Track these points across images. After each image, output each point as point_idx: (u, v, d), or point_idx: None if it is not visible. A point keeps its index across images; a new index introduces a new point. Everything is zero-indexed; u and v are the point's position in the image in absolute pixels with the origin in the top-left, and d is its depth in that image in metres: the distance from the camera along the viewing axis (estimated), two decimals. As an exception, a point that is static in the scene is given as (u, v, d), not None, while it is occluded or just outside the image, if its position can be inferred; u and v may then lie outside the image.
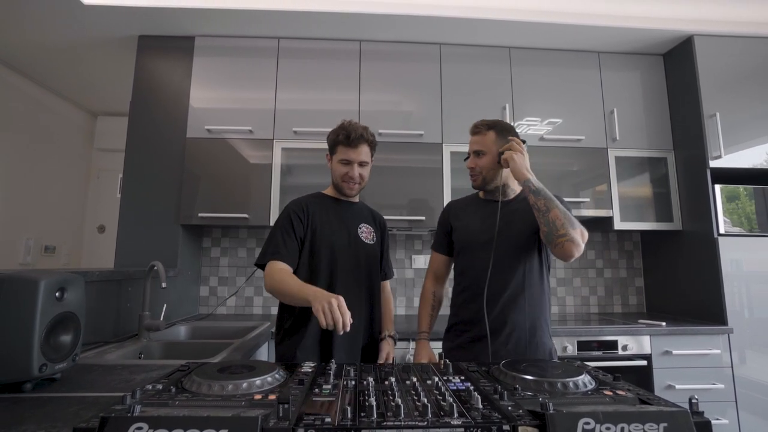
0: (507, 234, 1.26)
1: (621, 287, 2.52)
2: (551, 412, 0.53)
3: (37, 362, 0.86)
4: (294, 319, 1.27)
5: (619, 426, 0.53)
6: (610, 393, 0.67)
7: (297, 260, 1.27)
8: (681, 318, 2.13)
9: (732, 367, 1.86)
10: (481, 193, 1.41)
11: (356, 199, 1.43)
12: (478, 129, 1.33)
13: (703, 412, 0.56)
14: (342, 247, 1.31)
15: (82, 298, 1.00)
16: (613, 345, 1.84)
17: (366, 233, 1.38)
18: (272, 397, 0.63)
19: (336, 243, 1.30)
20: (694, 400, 0.57)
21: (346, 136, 1.28)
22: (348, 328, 0.95)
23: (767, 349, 1.91)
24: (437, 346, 1.40)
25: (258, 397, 0.63)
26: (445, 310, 1.44)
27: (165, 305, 1.70)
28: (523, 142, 1.28)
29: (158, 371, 1.04)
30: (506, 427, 0.53)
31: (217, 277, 2.38)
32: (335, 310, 0.96)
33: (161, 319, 1.58)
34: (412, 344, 1.73)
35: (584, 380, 0.71)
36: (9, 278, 0.88)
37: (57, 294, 0.93)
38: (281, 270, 1.21)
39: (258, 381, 0.68)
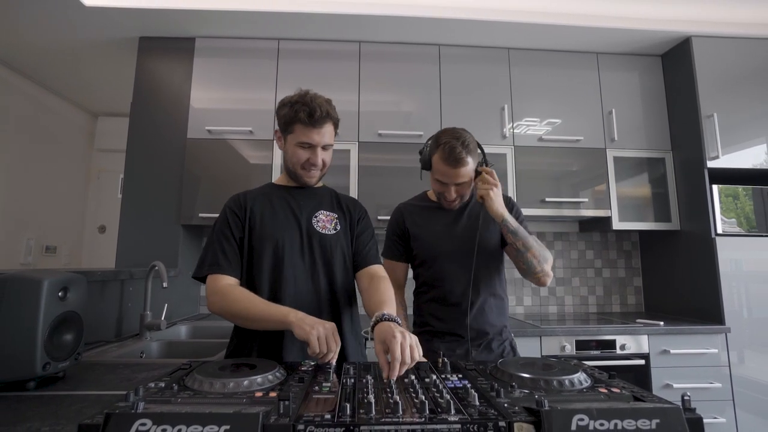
0: (479, 241, 1.25)
1: (619, 287, 2.53)
2: (546, 408, 0.54)
3: (41, 361, 0.87)
4: (238, 341, 1.08)
5: (613, 422, 0.54)
6: (605, 390, 0.68)
7: (241, 270, 1.07)
8: (679, 317, 2.14)
9: (729, 366, 1.88)
10: (432, 195, 1.36)
11: (314, 184, 1.19)
12: (461, 160, 1.16)
13: (695, 409, 0.57)
14: (289, 241, 1.07)
15: (84, 298, 1.01)
16: (611, 344, 1.85)
17: (324, 221, 1.12)
18: (273, 394, 0.64)
19: (280, 238, 1.07)
20: (686, 397, 0.58)
21: (308, 114, 1.03)
22: (334, 361, 0.83)
23: (764, 349, 1.92)
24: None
25: (259, 394, 0.64)
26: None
27: (166, 305, 1.71)
28: (486, 163, 1.25)
29: (160, 370, 1.05)
30: (502, 424, 0.54)
31: (218, 277, 2.39)
32: (330, 339, 0.83)
33: (162, 318, 1.59)
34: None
35: (580, 378, 0.72)
36: (12, 278, 0.89)
37: (60, 294, 0.94)
38: (231, 287, 1.01)
39: (259, 379, 0.69)
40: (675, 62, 2.29)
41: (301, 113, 1.04)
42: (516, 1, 2.08)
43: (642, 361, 1.84)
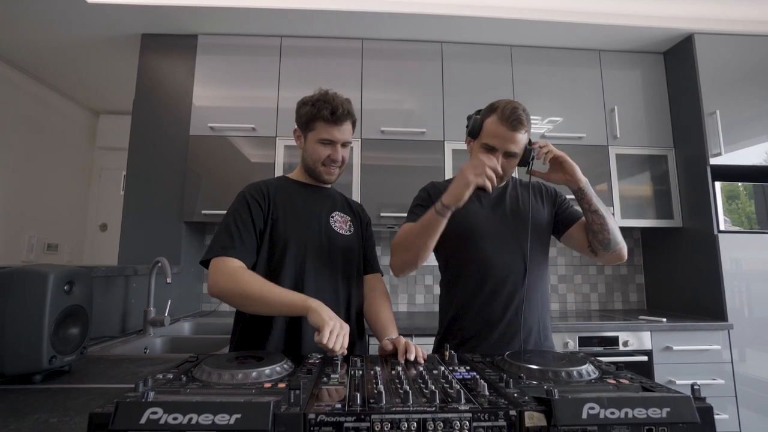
0: (525, 222, 1.12)
1: (621, 284, 2.53)
2: (557, 397, 0.54)
3: (47, 354, 0.87)
4: (248, 332, 1.06)
5: (624, 411, 0.54)
6: (614, 381, 0.68)
7: (255, 258, 1.05)
8: (681, 315, 2.14)
9: (732, 363, 1.87)
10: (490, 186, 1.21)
11: (327, 184, 1.22)
12: (522, 124, 1.02)
13: (704, 398, 0.57)
14: (311, 239, 1.09)
15: (89, 292, 1.01)
16: (614, 341, 1.85)
17: (340, 222, 1.16)
18: (282, 385, 0.64)
19: (303, 235, 1.08)
20: (696, 387, 0.58)
21: (331, 112, 1.06)
22: (343, 353, 0.85)
23: (767, 346, 1.92)
24: (426, 342, 1.29)
25: (268, 385, 0.64)
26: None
27: (169, 301, 1.71)
28: (530, 142, 1.11)
29: (165, 364, 1.05)
30: (513, 413, 0.54)
31: (220, 275, 2.38)
32: (341, 337, 0.84)
33: (166, 314, 1.59)
34: (416, 340, 1.74)
35: (588, 369, 0.72)
36: (19, 272, 0.89)
37: (65, 287, 0.94)
38: (243, 269, 0.99)
39: (267, 370, 0.69)
40: (677, 60, 2.29)
41: (324, 111, 1.06)
42: (518, -2, 2.08)
43: (645, 358, 1.84)
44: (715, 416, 1.83)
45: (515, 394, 0.60)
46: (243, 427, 0.50)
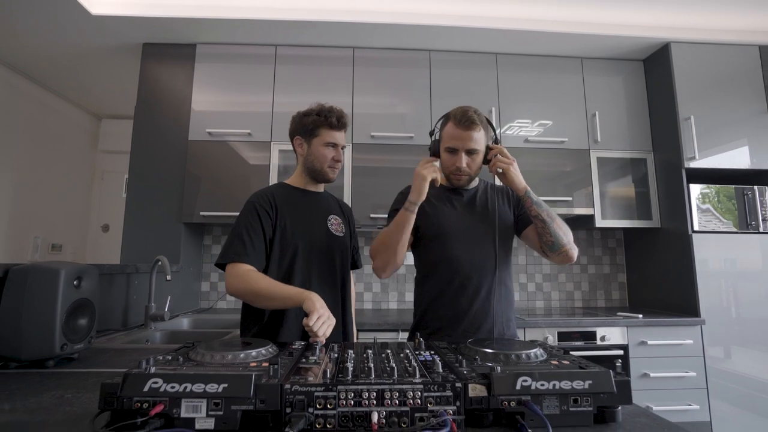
0: (491, 221, 1.23)
1: (604, 282, 2.63)
2: (496, 372, 0.64)
3: (59, 342, 0.98)
4: (261, 327, 1.18)
5: (552, 383, 0.64)
6: (556, 362, 0.77)
7: (264, 262, 1.17)
8: (660, 312, 2.24)
9: (704, 356, 1.97)
10: (443, 180, 1.28)
11: (321, 189, 1.34)
12: (474, 123, 1.14)
13: (624, 374, 0.67)
14: (315, 243, 1.21)
15: (96, 287, 1.12)
16: (591, 336, 1.95)
17: (336, 225, 1.29)
18: (266, 364, 0.74)
19: (309, 240, 1.21)
20: (617, 363, 0.68)
21: (338, 118, 1.23)
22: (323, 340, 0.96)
23: (738, 340, 2.02)
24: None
25: (253, 364, 0.74)
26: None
27: (169, 297, 1.80)
28: (497, 141, 1.22)
29: (165, 352, 1.15)
30: (458, 385, 0.64)
31: (218, 273, 2.49)
32: (325, 327, 0.96)
33: (166, 310, 1.68)
34: (402, 335, 1.84)
35: (536, 353, 0.81)
36: (33, 268, 0.99)
37: (75, 282, 1.04)
38: (252, 271, 1.11)
39: (254, 353, 0.79)
40: (655, 67, 2.38)
41: (332, 118, 1.23)
42: (503, 8, 2.18)
43: (621, 352, 1.93)
44: (687, 407, 1.93)
45: (465, 371, 0.70)
46: (229, 394, 0.60)
